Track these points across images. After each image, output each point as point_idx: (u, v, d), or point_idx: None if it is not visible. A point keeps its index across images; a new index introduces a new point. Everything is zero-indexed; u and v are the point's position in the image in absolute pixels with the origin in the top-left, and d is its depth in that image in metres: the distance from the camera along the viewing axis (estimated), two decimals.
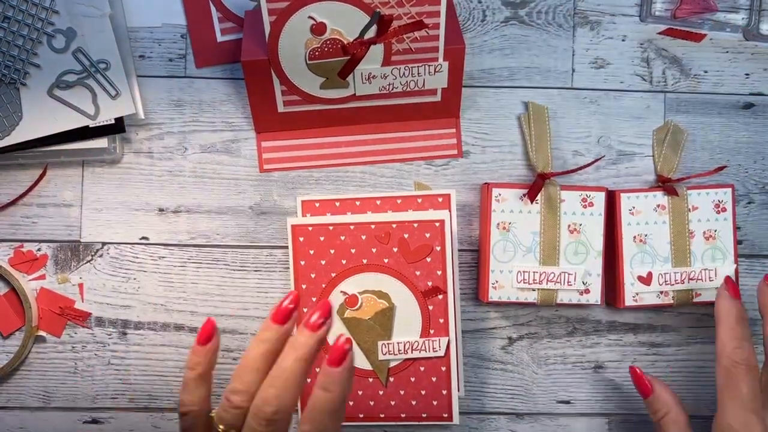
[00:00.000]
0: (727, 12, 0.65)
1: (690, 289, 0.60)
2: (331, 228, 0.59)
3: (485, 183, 0.61)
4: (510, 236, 0.60)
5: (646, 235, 0.60)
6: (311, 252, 0.59)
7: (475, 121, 0.64)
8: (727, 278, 0.57)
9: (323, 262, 0.59)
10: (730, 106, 0.64)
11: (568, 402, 0.64)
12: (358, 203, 0.61)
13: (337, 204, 0.61)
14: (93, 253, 0.62)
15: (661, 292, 0.60)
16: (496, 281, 0.60)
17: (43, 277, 0.62)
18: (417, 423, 0.59)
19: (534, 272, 0.59)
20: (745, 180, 0.64)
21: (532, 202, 0.59)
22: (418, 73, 0.59)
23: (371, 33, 0.56)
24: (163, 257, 0.62)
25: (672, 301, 0.60)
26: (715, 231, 0.60)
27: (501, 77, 0.64)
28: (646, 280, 0.60)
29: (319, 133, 0.63)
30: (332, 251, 0.59)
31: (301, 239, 0.59)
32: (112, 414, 0.62)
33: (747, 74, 0.65)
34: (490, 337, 0.63)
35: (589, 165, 0.63)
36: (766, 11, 0.65)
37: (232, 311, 0.63)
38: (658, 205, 0.60)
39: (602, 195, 0.60)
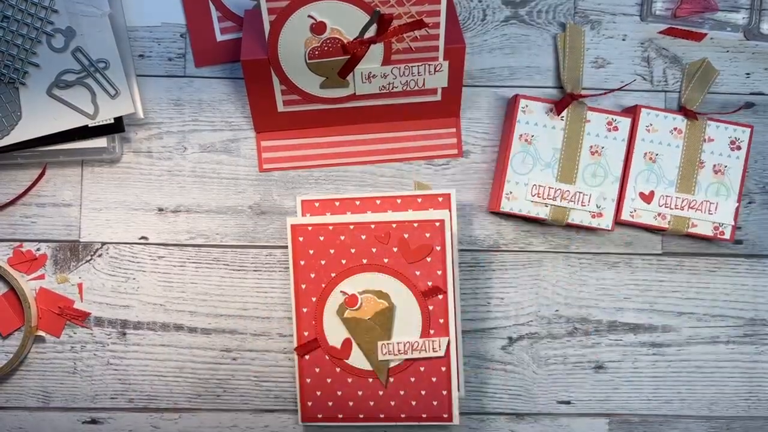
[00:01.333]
0: (728, 11, 0.64)
1: (688, 218, 0.60)
2: (330, 228, 0.59)
3: (515, 94, 0.61)
4: (531, 149, 0.60)
5: (657, 155, 0.60)
6: (311, 252, 0.59)
7: (475, 121, 0.64)
8: None
9: (323, 262, 0.59)
10: (731, 105, 0.64)
11: (568, 402, 0.64)
12: (357, 203, 0.61)
13: (337, 204, 0.61)
14: (92, 253, 0.62)
15: (659, 215, 0.60)
16: (511, 192, 0.60)
17: (42, 276, 0.62)
18: (417, 423, 0.59)
19: (549, 188, 0.60)
20: (745, 180, 0.64)
21: (558, 116, 0.60)
22: (418, 73, 0.58)
23: (371, 32, 0.56)
24: (163, 257, 0.62)
25: (668, 226, 0.60)
26: (726, 167, 0.61)
27: (501, 76, 0.64)
28: (647, 197, 0.60)
29: (319, 133, 0.63)
30: (332, 251, 0.59)
31: (301, 239, 0.59)
32: (111, 414, 0.62)
33: (747, 73, 0.65)
34: (490, 337, 0.63)
35: (620, 89, 0.63)
36: (766, 11, 0.65)
37: (232, 311, 0.62)
38: (675, 128, 0.60)
39: (628, 121, 0.60)
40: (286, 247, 0.61)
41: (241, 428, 0.63)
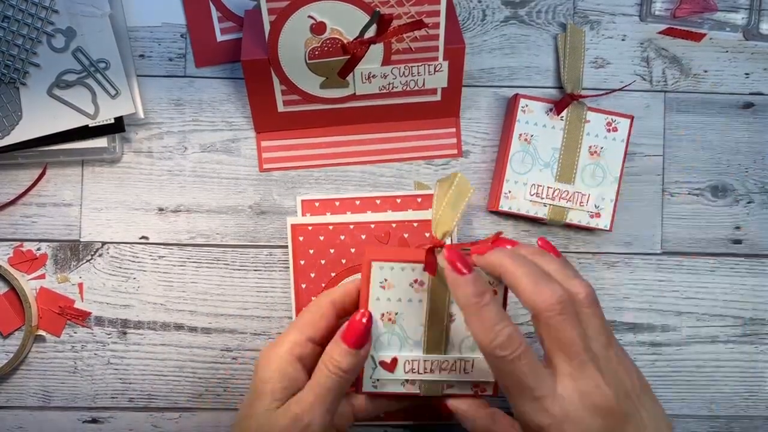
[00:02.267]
0: (727, 11, 0.65)
1: (440, 381, 0.52)
2: (330, 228, 0.59)
3: (515, 93, 0.62)
4: (530, 149, 0.60)
5: (396, 314, 0.51)
6: (311, 251, 0.59)
7: (475, 121, 0.64)
8: (447, 249, 0.45)
9: (323, 262, 0.59)
10: (730, 105, 0.64)
11: None
12: (358, 203, 0.61)
13: (337, 203, 0.61)
14: (93, 253, 0.62)
15: (408, 381, 0.52)
16: (509, 191, 0.60)
17: (42, 276, 0.62)
18: (418, 423, 0.59)
19: (548, 187, 0.60)
20: (745, 180, 0.64)
21: (558, 116, 0.60)
22: (418, 73, 0.59)
23: (371, 32, 0.56)
24: (163, 257, 0.62)
25: (419, 391, 0.52)
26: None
27: (501, 77, 0.64)
28: (389, 366, 0.52)
29: (319, 133, 0.63)
30: (332, 251, 0.59)
31: (301, 239, 0.59)
32: (111, 413, 0.62)
33: (747, 74, 0.65)
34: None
35: (620, 89, 0.63)
36: (766, 11, 0.65)
37: (232, 311, 0.63)
38: (416, 281, 0.51)
39: (627, 122, 0.60)
40: (286, 246, 0.61)
41: None
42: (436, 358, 0.51)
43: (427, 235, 0.58)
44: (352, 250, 0.59)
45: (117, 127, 0.60)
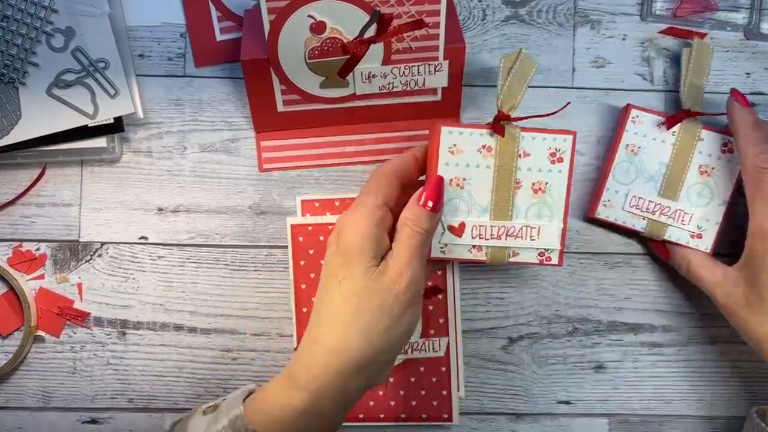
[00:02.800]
0: (728, 11, 0.64)
1: (506, 247, 0.53)
2: (330, 228, 0.59)
3: (627, 104, 0.61)
4: (636, 160, 0.59)
5: (464, 179, 0.52)
6: (311, 252, 0.59)
7: (475, 121, 0.64)
8: (733, 90, 0.56)
9: (323, 262, 0.59)
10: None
11: (568, 402, 0.64)
12: None
13: (337, 203, 0.61)
14: (92, 253, 0.62)
15: (474, 246, 0.53)
16: (609, 200, 0.59)
17: (41, 276, 0.62)
18: (417, 423, 0.59)
19: (650, 201, 0.59)
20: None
21: (668, 130, 0.59)
22: (418, 72, 0.58)
23: (371, 32, 0.56)
24: (162, 257, 0.62)
25: (485, 258, 0.53)
26: (546, 184, 0.53)
27: None
28: (457, 230, 0.53)
29: (319, 133, 0.63)
30: None
31: (301, 239, 0.59)
32: (111, 414, 0.62)
33: (747, 73, 0.65)
34: (490, 337, 0.63)
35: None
36: (766, 11, 0.65)
37: (232, 311, 0.62)
38: (484, 146, 0.52)
39: None
40: (286, 247, 0.61)
41: None
42: (503, 224, 0.52)
43: None
44: None
45: (116, 127, 0.60)
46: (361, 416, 0.59)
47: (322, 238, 0.59)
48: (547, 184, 0.52)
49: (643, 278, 0.64)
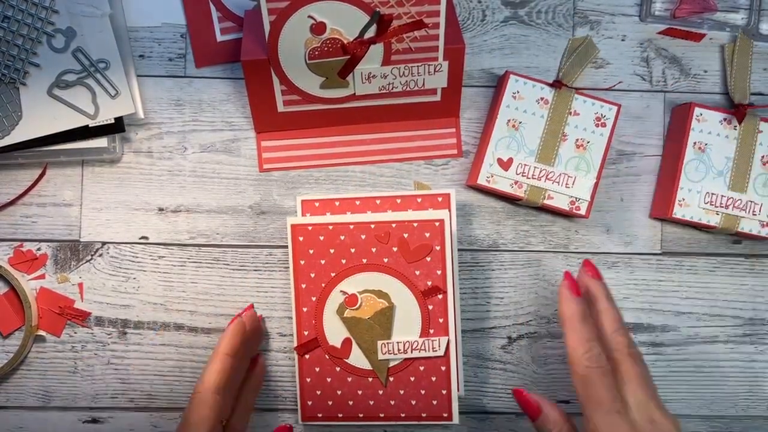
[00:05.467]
0: (727, 12, 0.65)
1: (544, 189, 0.60)
2: (330, 228, 0.59)
3: (684, 103, 0.62)
4: (704, 157, 0.61)
5: (520, 122, 0.60)
6: (311, 252, 0.59)
7: (475, 121, 0.64)
8: (567, 274, 0.54)
9: (323, 262, 0.59)
10: (730, 105, 0.64)
11: (568, 402, 0.64)
12: (357, 203, 0.61)
13: (337, 203, 0.61)
14: (93, 253, 0.62)
15: (516, 182, 0.60)
16: (683, 199, 0.61)
17: (42, 276, 0.62)
18: (417, 423, 0.59)
19: (722, 196, 0.61)
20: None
21: (731, 125, 0.61)
22: (418, 73, 0.59)
23: (371, 32, 0.56)
24: (163, 257, 0.62)
25: (524, 195, 0.60)
26: (588, 142, 0.61)
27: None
28: (505, 164, 0.60)
29: (319, 133, 0.63)
30: (332, 251, 0.59)
31: (301, 239, 0.59)
32: (111, 413, 0.62)
33: None
34: (490, 337, 0.63)
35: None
36: (766, 11, 0.65)
37: (232, 311, 0.63)
38: (542, 98, 0.61)
39: None
40: (287, 246, 0.61)
41: None
42: (545, 167, 0.60)
43: (427, 235, 0.58)
44: (353, 250, 0.59)
45: (117, 127, 0.60)
46: (361, 415, 0.59)
47: (322, 238, 0.59)
48: (589, 143, 0.60)
49: (643, 278, 0.64)
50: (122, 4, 0.62)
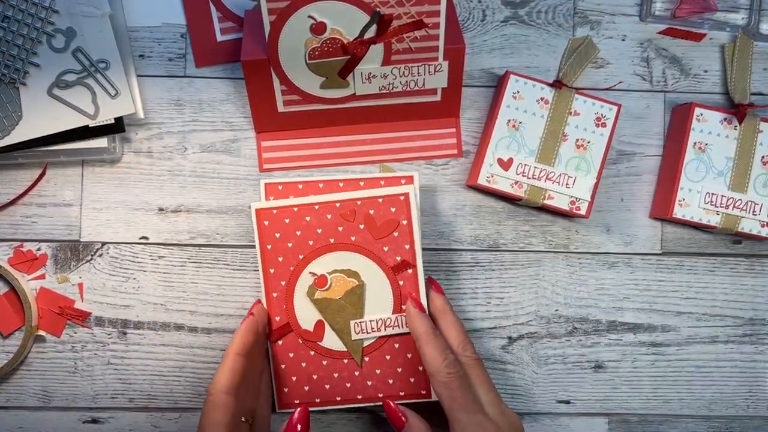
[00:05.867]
0: (727, 12, 0.65)
1: (544, 189, 0.60)
2: (295, 209, 0.58)
3: (685, 103, 0.62)
4: (704, 157, 0.61)
5: (520, 122, 0.60)
6: (277, 235, 0.58)
7: (475, 121, 0.64)
8: (410, 295, 0.57)
9: (290, 245, 0.58)
10: (730, 105, 0.64)
11: (568, 402, 0.64)
12: (321, 185, 0.59)
13: (300, 186, 0.60)
14: (93, 253, 0.62)
15: (516, 182, 0.60)
16: (683, 199, 0.61)
17: (42, 276, 0.62)
18: (395, 402, 0.59)
19: (722, 196, 0.61)
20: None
21: (731, 125, 0.61)
22: (418, 73, 0.59)
23: (371, 32, 0.56)
24: (163, 257, 0.62)
25: (523, 195, 0.60)
26: (588, 142, 0.61)
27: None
28: (506, 164, 0.60)
29: (319, 133, 0.63)
30: (298, 233, 0.58)
31: (266, 223, 0.58)
32: (111, 414, 0.62)
33: None
34: (490, 337, 0.63)
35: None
36: (766, 11, 0.65)
37: (232, 311, 0.63)
38: (542, 98, 0.61)
39: None
40: None
41: None
42: (545, 167, 0.60)
43: (393, 209, 0.58)
44: (319, 231, 0.58)
45: (117, 127, 0.60)
46: (338, 398, 0.59)
47: (287, 220, 0.58)
48: (589, 143, 0.60)
49: (643, 278, 0.64)
50: (122, 4, 0.62)
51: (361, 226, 0.58)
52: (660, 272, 0.64)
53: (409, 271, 0.58)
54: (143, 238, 0.63)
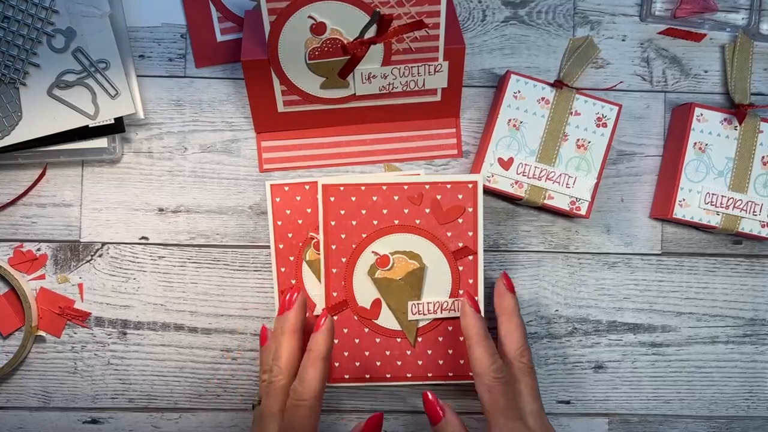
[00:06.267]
0: (727, 12, 0.65)
1: (545, 189, 0.60)
2: (363, 188, 0.59)
3: (685, 103, 0.62)
4: (705, 157, 0.61)
5: (521, 122, 0.60)
6: (342, 212, 0.59)
7: (475, 121, 0.64)
8: (467, 293, 0.58)
9: (354, 223, 0.59)
10: (731, 105, 0.64)
11: (568, 402, 0.64)
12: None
13: (307, 188, 0.60)
14: (93, 253, 0.62)
15: (516, 182, 0.60)
16: (683, 199, 0.61)
17: (42, 276, 0.62)
18: (443, 382, 0.59)
19: (722, 196, 0.61)
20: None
21: (731, 125, 0.61)
22: (418, 73, 0.59)
23: (371, 33, 0.56)
24: (163, 257, 0.62)
25: (524, 195, 0.60)
26: (589, 143, 0.61)
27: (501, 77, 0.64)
28: (506, 164, 0.60)
29: (319, 133, 0.63)
30: (364, 212, 0.59)
31: (332, 199, 0.59)
32: (111, 414, 0.62)
33: None
34: (491, 337, 0.63)
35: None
36: (766, 11, 0.65)
37: (232, 311, 0.63)
38: (542, 98, 0.61)
39: None
40: None
41: (241, 428, 0.63)
42: (545, 167, 0.60)
43: (460, 196, 0.59)
44: (385, 211, 0.58)
45: (117, 127, 0.60)
46: (388, 375, 0.59)
47: (354, 198, 0.58)
48: (589, 143, 0.60)
49: (643, 278, 0.64)
50: (122, 4, 0.62)
51: (427, 210, 0.59)
52: (660, 272, 0.64)
53: (470, 257, 0.59)
54: (143, 238, 0.62)
